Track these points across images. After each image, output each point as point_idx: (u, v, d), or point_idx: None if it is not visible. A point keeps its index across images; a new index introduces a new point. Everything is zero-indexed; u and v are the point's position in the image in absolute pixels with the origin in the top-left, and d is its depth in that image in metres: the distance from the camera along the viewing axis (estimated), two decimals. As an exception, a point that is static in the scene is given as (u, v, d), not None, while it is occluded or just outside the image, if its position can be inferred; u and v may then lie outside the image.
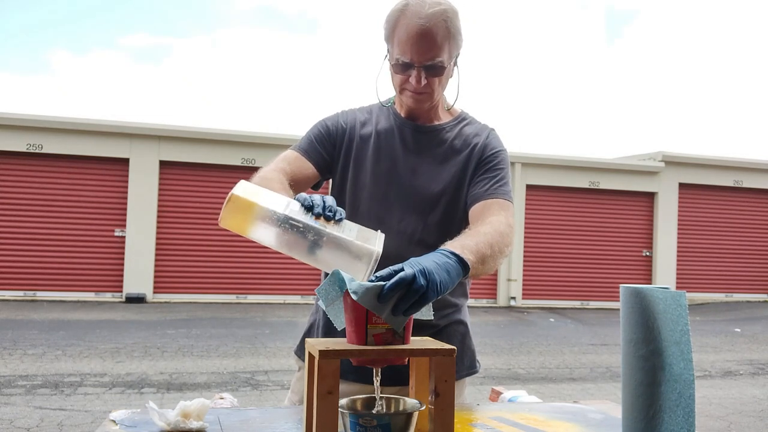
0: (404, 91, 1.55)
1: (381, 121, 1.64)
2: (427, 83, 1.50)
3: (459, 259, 1.20)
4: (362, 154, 1.61)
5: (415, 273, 1.06)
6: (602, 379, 6.72)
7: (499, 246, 1.34)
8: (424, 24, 1.44)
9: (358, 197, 1.60)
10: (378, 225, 1.54)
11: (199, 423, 1.20)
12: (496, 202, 1.51)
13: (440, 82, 1.53)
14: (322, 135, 1.63)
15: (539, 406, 1.56)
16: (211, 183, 12.60)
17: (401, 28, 1.47)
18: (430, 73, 1.49)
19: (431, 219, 1.57)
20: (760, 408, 5.68)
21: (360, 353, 1.07)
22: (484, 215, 1.47)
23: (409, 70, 1.49)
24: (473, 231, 1.37)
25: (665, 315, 1.03)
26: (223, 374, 6.24)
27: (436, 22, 1.44)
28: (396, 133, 1.61)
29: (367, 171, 1.60)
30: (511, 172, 12.25)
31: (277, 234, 1.17)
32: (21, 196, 11.82)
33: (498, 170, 1.57)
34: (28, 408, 4.89)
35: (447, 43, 1.47)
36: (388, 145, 1.60)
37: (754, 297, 15.45)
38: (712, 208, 15.37)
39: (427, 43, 1.45)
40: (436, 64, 1.48)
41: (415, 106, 1.57)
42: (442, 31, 1.45)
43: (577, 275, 14.32)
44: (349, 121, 1.65)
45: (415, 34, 1.45)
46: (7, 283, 11.68)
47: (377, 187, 1.59)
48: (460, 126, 1.64)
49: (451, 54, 1.50)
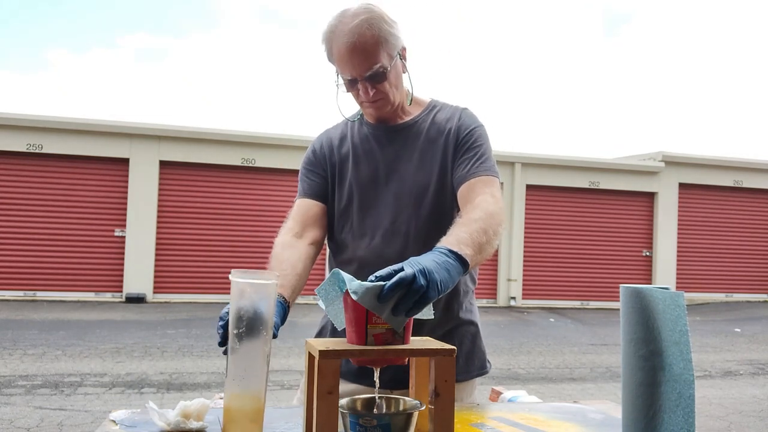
0: (362, 104, 1.59)
1: (355, 133, 1.67)
2: (377, 90, 1.53)
3: (457, 256, 1.20)
4: (344, 170, 1.65)
5: (415, 273, 1.06)
6: (602, 379, 6.73)
7: (493, 228, 1.36)
8: (350, 40, 1.47)
9: (348, 211, 1.64)
10: (372, 231, 1.59)
11: (199, 423, 1.20)
12: (479, 180, 1.52)
13: (391, 84, 1.55)
14: (311, 166, 1.69)
15: (539, 406, 1.56)
16: (211, 183, 12.60)
17: (335, 49, 1.51)
18: (375, 81, 1.51)
19: (423, 212, 1.58)
20: (760, 408, 5.68)
21: (360, 353, 1.07)
22: (471, 196, 1.48)
23: (355, 85, 1.53)
24: (465, 219, 1.37)
25: (665, 315, 1.03)
26: (223, 374, 6.23)
27: (361, 32, 1.47)
28: (371, 139, 1.64)
29: (351, 184, 1.63)
30: (512, 172, 12.11)
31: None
32: (21, 196, 11.82)
33: (476, 147, 1.58)
34: (28, 408, 4.89)
35: (380, 48, 1.49)
36: (366, 152, 1.64)
37: (754, 297, 15.45)
38: (712, 208, 15.37)
39: (359, 56, 1.48)
40: (377, 71, 1.50)
41: (377, 114, 1.60)
42: (370, 39, 1.48)
43: (577, 275, 14.33)
44: (325, 144, 1.70)
45: (346, 52, 1.48)
46: (7, 283, 11.68)
47: (364, 194, 1.62)
48: (432, 115, 1.65)
49: (390, 54, 1.52)
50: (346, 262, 1.63)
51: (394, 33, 1.52)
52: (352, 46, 1.47)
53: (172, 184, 12.50)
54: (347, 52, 1.48)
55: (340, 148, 1.67)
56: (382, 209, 1.59)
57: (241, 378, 1.10)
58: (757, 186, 15.54)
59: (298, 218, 1.64)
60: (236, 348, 1.10)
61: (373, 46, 1.48)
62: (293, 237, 1.60)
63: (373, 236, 1.59)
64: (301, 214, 1.64)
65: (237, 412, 1.10)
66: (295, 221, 1.63)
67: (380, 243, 1.58)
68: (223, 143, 12.55)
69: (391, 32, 1.51)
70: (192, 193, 12.55)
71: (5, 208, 11.77)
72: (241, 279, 1.10)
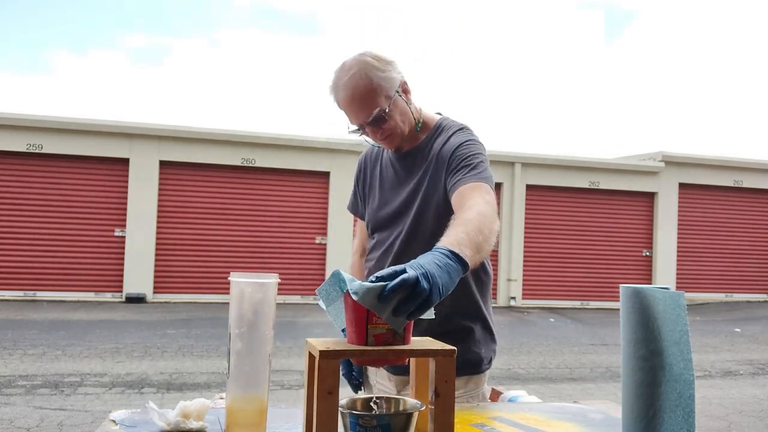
0: (377, 141, 1.74)
1: (385, 155, 1.87)
2: (382, 131, 1.67)
3: (458, 258, 1.20)
4: (372, 191, 1.87)
5: (418, 276, 1.06)
6: (602, 379, 6.73)
7: (488, 227, 1.38)
8: (347, 93, 1.62)
9: (368, 225, 1.89)
10: (380, 246, 1.79)
11: (199, 423, 1.20)
12: (469, 186, 1.57)
13: (396, 122, 1.68)
14: (357, 181, 1.94)
15: (539, 406, 1.57)
16: (211, 183, 12.60)
17: (338, 102, 1.66)
18: (377, 124, 1.65)
19: (420, 227, 1.72)
20: (760, 408, 5.68)
21: (360, 353, 1.07)
22: (462, 202, 1.54)
23: (363, 130, 1.68)
24: (459, 220, 1.40)
25: (665, 315, 1.03)
26: (223, 374, 6.24)
27: (355, 84, 1.60)
28: (390, 167, 1.83)
29: (375, 204, 1.85)
30: (512, 172, 12.11)
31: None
32: (21, 196, 11.82)
33: (467, 159, 1.65)
34: (28, 408, 4.89)
35: (375, 94, 1.62)
36: (387, 179, 1.83)
37: (754, 297, 15.45)
38: (712, 208, 15.37)
39: (358, 106, 1.62)
40: (377, 116, 1.63)
41: (391, 148, 1.77)
42: (365, 88, 1.61)
43: (577, 275, 14.32)
44: (362, 163, 1.94)
45: (346, 104, 1.64)
46: (7, 283, 11.68)
47: (379, 216, 1.81)
48: (433, 138, 1.76)
49: (389, 95, 1.64)
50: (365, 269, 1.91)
51: (388, 75, 1.64)
52: (350, 98, 1.62)
53: (172, 184, 12.50)
54: (346, 104, 1.64)
55: (373, 169, 1.89)
56: (395, 231, 1.76)
57: (243, 379, 1.11)
58: (757, 186, 15.53)
59: (360, 239, 1.98)
60: (237, 348, 1.10)
61: (368, 95, 1.61)
62: (360, 257, 1.97)
63: (378, 251, 1.79)
64: (362, 235, 1.97)
65: (240, 414, 1.10)
66: (360, 241, 1.98)
67: (382, 259, 1.76)
68: (223, 143, 12.56)
69: (384, 77, 1.63)
70: (192, 193, 12.55)
71: (5, 208, 11.76)
72: (241, 279, 1.11)
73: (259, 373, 1.11)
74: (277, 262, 12.55)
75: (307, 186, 13.08)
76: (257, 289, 1.11)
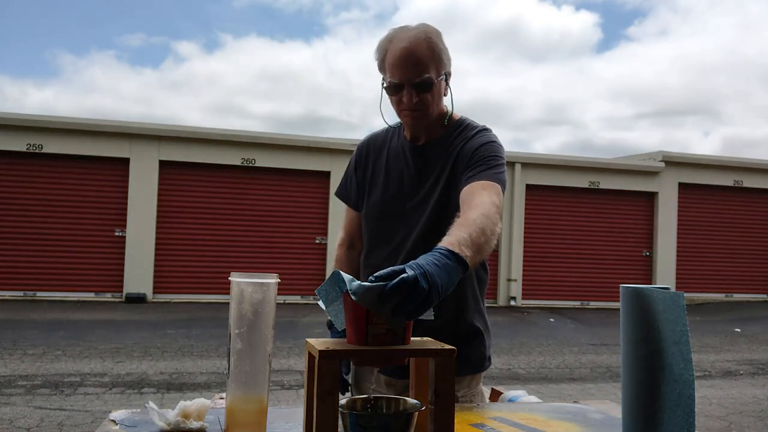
0: (401, 112, 1.67)
1: (393, 144, 1.80)
2: (419, 100, 1.62)
3: (458, 258, 1.20)
4: (376, 180, 1.80)
5: (417, 276, 1.06)
6: (602, 379, 6.73)
7: (490, 228, 1.38)
8: (407, 46, 1.59)
9: (369, 216, 1.80)
10: (388, 241, 1.73)
11: (199, 423, 1.20)
12: (479, 184, 1.56)
13: (432, 98, 1.64)
14: (355, 168, 1.87)
15: (539, 406, 1.57)
16: (211, 183, 12.60)
17: (390, 54, 1.62)
18: (420, 90, 1.61)
19: (439, 227, 1.64)
20: (760, 408, 5.68)
21: (360, 353, 1.07)
22: (469, 199, 1.52)
23: (400, 90, 1.62)
24: (463, 219, 1.39)
25: (665, 315, 1.03)
26: (223, 374, 6.24)
27: (418, 42, 1.59)
28: (401, 157, 1.77)
29: (378, 194, 1.78)
30: (511, 172, 12.13)
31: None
32: (21, 196, 11.82)
33: (486, 159, 1.63)
34: (28, 408, 4.89)
35: (432, 61, 1.60)
36: (396, 169, 1.76)
37: (754, 297, 15.45)
38: (712, 208, 15.36)
39: (412, 62, 1.59)
40: (424, 80, 1.60)
41: (413, 124, 1.70)
42: (425, 50, 1.59)
43: (577, 275, 14.32)
44: (363, 149, 1.87)
45: (400, 56, 1.59)
46: (7, 283, 11.68)
47: (387, 208, 1.75)
48: (454, 136, 1.73)
49: (439, 71, 1.63)
50: (366, 266, 1.79)
51: (447, 54, 1.65)
52: (408, 51, 1.58)
53: (172, 184, 12.49)
54: (402, 56, 1.59)
55: (377, 157, 1.81)
56: (400, 225, 1.71)
57: (243, 379, 1.11)
58: (757, 186, 15.53)
59: (348, 230, 1.88)
60: (238, 348, 1.10)
61: (426, 57, 1.59)
62: (348, 249, 1.88)
63: (384, 247, 1.73)
64: (351, 226, 1.88)
65: (240, 414, 1.10)
66: (347, 233, 1.88)
67: (390, 254, 1.70)
68: (223, 143, 12.55)
69: (445, 52, 1.64)
70: (192, 193, 12.55)
71: (5, 208, 11.76)
72: (241, 279, 1.11)
73: (259, 373, 1.11)
74: (277, 262, 12.55)
75: (307, 186, 13.08)
76: (257, 289, 1.11)
